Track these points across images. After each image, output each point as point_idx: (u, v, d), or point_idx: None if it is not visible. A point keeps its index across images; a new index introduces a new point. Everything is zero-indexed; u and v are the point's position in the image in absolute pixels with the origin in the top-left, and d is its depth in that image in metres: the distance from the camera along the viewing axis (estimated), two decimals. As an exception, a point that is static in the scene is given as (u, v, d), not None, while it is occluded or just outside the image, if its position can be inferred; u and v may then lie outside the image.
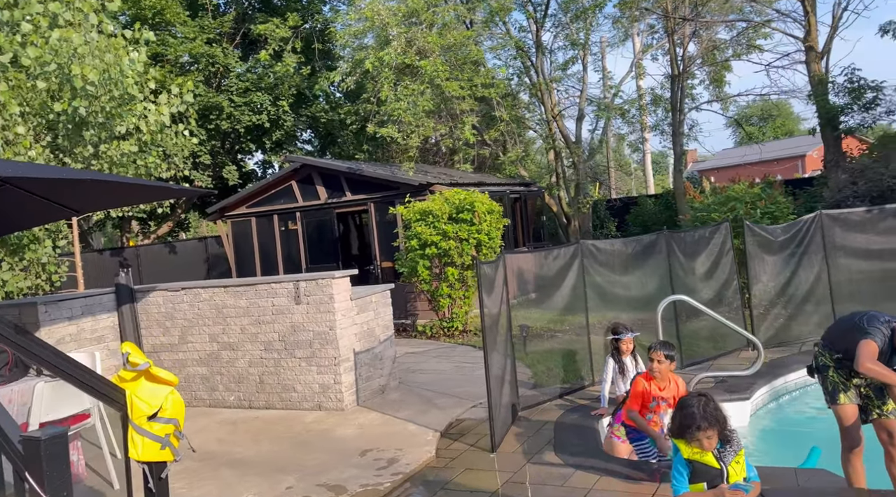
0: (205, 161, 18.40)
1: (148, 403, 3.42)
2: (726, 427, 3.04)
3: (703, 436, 3.01)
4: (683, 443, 3.08)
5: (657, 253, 7.60)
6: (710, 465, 3.01)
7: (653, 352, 4.88)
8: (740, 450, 3.07)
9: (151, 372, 3.47)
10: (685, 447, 3.06)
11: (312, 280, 7.47)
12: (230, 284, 8.00)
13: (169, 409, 3.48)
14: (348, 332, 7.54)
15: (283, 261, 15.55)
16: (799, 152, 53.92)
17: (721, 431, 3.02)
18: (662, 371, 4.79)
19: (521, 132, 24.15)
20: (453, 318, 11.44)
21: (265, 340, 7.77)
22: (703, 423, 3.02)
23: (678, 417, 3.15)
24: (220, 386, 8.12)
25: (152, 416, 3.44)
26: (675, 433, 3.14)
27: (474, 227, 10.98)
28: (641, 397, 4.83)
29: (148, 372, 3.48)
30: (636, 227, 25.56)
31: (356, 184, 14.46)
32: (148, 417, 3.43)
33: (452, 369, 8.94)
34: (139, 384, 3.46)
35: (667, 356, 4.80)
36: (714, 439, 3.02)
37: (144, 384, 3.47)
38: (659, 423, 4.89)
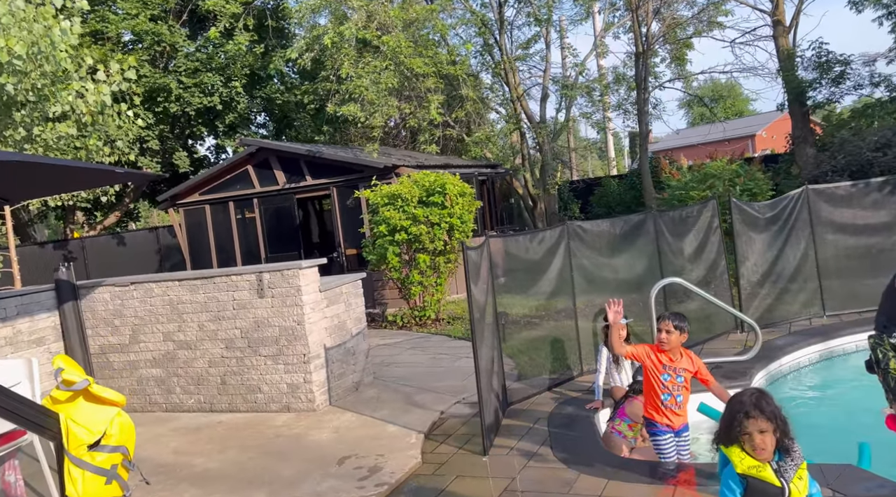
0: (153, 146, 17.35)
1: (88, 429, 2.80)
2: (787, 431, 2.58)
3: (755, 427, 2.54)
4: (736, 450, 2.62)
5: (645, 233, 7.21)
6: (769, 481, 2.56)
7: (661, 322, 4.43)
8: (802, 463, 2.62)
9: (91, 391, 2.84)
10: (738, 456, 2.60)
11: (277, 271, 6.83)
12: (185, 278, 7.29)
13: (115, 435, 2.86)
14: (318, 326, 6.94)
15: (240, 251, 14.75)
16: (749, 132, 54.85)
17: (780, 434, 2.57)
18: (672, 342, 4.35)
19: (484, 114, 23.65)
20: (425, 307, 10.92)
21: (226, 338, 7.11)
22: (752, 410, 2.55)
23: (725, 413, 2.69)
24: (177, 388, 7.43)
25: (94, 444, 2.81)
26: (722, 436, 2.68)
27: (446, 211, 10.44)
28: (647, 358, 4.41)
29: (87, 391, 2.84)
30: (600, 208, 25.38)
31: (317, 168, 13.73)
32: (89, 446, 2.80)
33: (429, 361, 8.43)
34: (76, 406, 2.83)
35: (677, 327, 4.36)
36: (769, 439, 2.55)
37: (83, 406, 2.84)
38: (678, 412, 4.43)
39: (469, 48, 15.69)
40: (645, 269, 7.25)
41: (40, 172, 5.29)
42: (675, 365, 4.38)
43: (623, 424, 5.37)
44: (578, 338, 6.98)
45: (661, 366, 4.37)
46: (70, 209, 20.07)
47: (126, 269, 19.96)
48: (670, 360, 4.38)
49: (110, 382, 7.72)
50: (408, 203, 10.42)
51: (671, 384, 4.37)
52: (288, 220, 14.25)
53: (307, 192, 14.08)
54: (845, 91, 13.56)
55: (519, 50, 20.86)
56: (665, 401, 4.39)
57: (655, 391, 4.40)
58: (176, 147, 18.61)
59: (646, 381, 4.50)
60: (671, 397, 4.39)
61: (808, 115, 14.42)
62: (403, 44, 12.73)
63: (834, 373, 6.90)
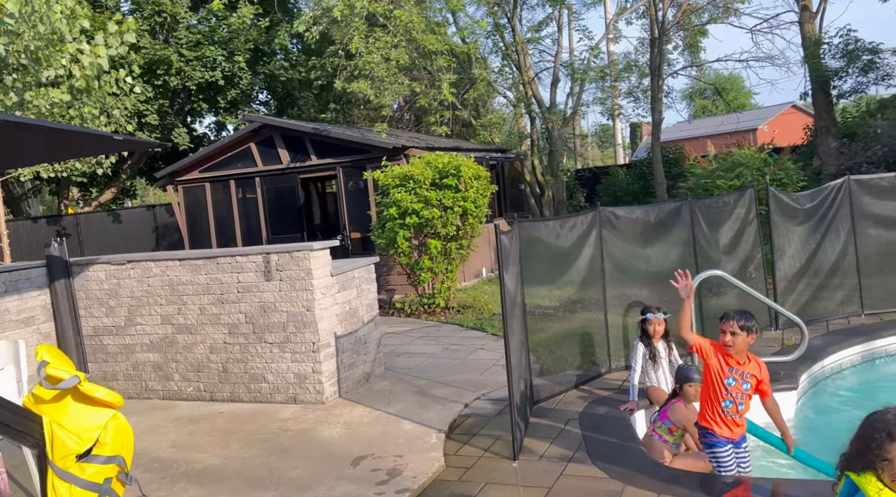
0: (151, 121, 16.75)
1: (77, 436, 2.31)
2: None
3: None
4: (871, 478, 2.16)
5: (680, 222, 6.73)
6: None
7: (725, 322, 3.94)
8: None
9: (82, 390, 2.35)
10: (874, 486, 2.15)
11: (286, 252, 6.34)
12: (186, 257, 6.79)
13: (109, 444, 2.38)
14: (329, 312, 6.46)
15: (241, 231, 14.24)
16: (751, 126, 54.48)
17: None
18: (738, 345, 3.87)
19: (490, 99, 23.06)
20: (434, 294, 10.45)
21: (229, 323, 6.63)
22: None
23: (859, 433, 2.24)
24: (175, 375, 6.95)
25: (84, 453, 2.33)
26: (851, 461, 2.23)
27: (459, 195, 9.94)
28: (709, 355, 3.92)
29: (77, 390, 2.35)
30: (606, 197, 24.87)
31: (323, 147, 13.20)
32: (77, 456, 2.31)
33: (442, 352, 7.96)
34: (63, 408, 2.34)
35: (743, 327, 3.88)
36: None
37: (72, 407, 2.36)
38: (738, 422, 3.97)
39: (483, 26, 15.08)
40: (679, 259, 6.78)
41: (31, 136, 4.78)
42: (742, 369, 3.91)
43: (664, 428, 4.92)
44: (607, 332, 6.52)
45: (728, 369, 3.90)
46: (65, 183, 19.49)
47: (121, 247, 19.42)
48: (738, 363, 3.91)
49: (104, 367, 7.25)
50: (420, 185, 9.92)
51: (736, 391, 3.91)
52: (291, 201, 13.74)
53: (312, 172, 13.56)
54: (873, 81, 13.06)
55: (531, 32, 20.28)
56: (726, 408, 3.93)
57: (717, 397, 3.93)
58: (175, 123, 18.01)
59: (705, 385, 4.03)
60: (733, 405, 3.93)
61: (832, 105, 13.92)
62: (416, 19, 12.15)
63: (878, 375, 6.47)
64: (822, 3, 13.65)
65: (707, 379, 3.98)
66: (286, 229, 13.79)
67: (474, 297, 11.61)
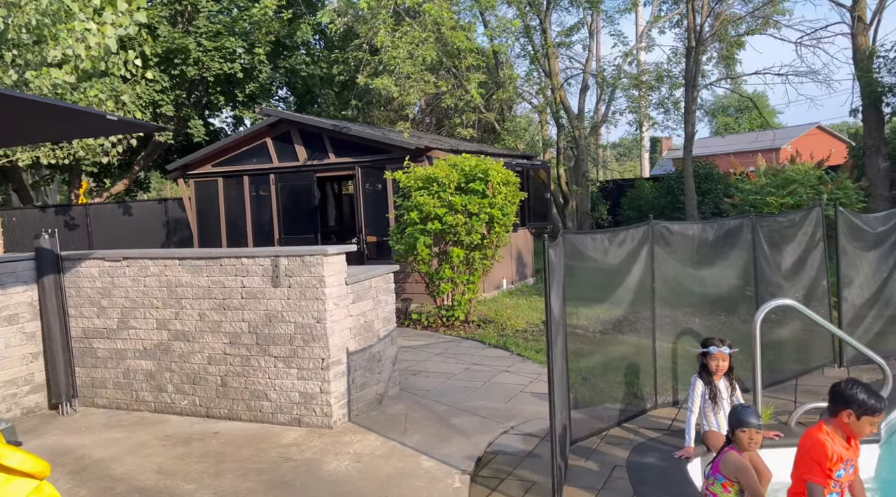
0: (167, 112, 16.21)
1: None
2: None
3: None
4: None
5: (741, 242, 5.98)
6: None
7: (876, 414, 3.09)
8: None
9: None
10: None
11: (297, 256, 5.66)
12: (187, 256, 6.13)
13: (28, 528, 1.65)
14: (341, 325, 5.77)
15: (252, 230, 13.61)
16: (774, 145, 53.58)
17: None
18: (867, 432, 3.07)
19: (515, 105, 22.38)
20: (454, 307, 9.73)
21: (231, 331, 5.96)
22: None
23: None
24: (169, 386, 6.28)
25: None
26: None
27: (486, 200, 9.23)
28: (829, 461, 3.11)
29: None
30: (631, 211, 24.08)
31: (341, 145, 12.55)
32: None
33: (463, 373, 7.24)
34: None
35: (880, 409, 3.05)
36: None
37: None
38: None
39: (516, 25, 14.39)
40: (736, 284, 6.04)
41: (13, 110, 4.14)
42: (853, 454, 3.14)
43: (717, 485, 4.15)
44: (655, 362, 5.77)
45: (843, 461, 3.12)
46: (76, 173, 19.02)
47: (130, 240, 18.90)
48: (846, 447, 3.13)
49: (92, 373, 6.60)
50: (444, 189, 9.22)
51: (846, 480, 3.15)
52: (306, 200, 13.09)
53: (329, 171, 12.91)
54: (930, 99, 12.23)
55: (560, 37, 19.60)
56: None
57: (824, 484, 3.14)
58: (192, 114, 17.47)
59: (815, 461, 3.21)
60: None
61: (883, 123, 13.08)
62: (446, 13, 11.49)
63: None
64: (878, 14, 12.84)
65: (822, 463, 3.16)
66: (299, 230, 13.15)
67: (495, 310, 10.88)
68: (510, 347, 8.25)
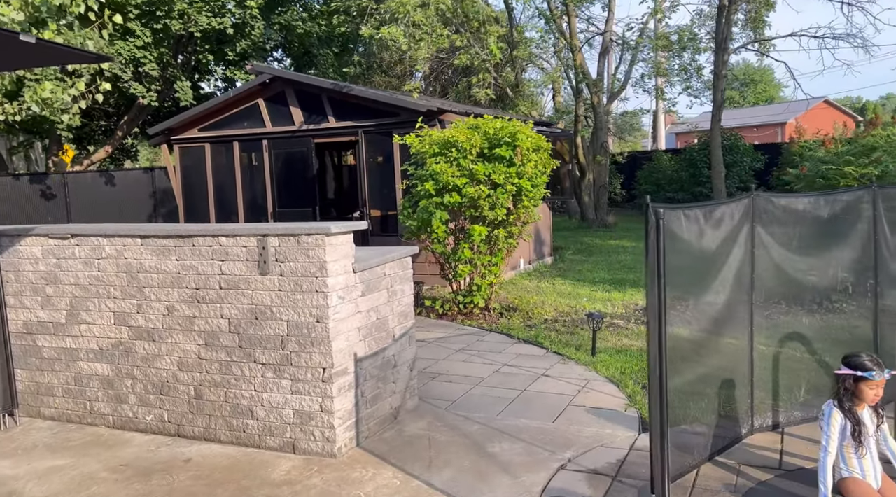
0: (150, 71, 14.72)
1: None
2: None
3: None
4: None
5: (860, 220, 4.69)
6: None
7: None
8: None
9: None
10: None
11: (290, 236, 4.36)
12: (151, 234, 4.82)
13: None
14: (347, 325, 4.49)
15: (244, 202, 12.28)
16: (779, 120, 52.38)
17: None
18: None
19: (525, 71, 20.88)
20: (473, 292, 8.46)
21: (207, 330, 4.68)
22: None
23: None
24: (131, 396, 5.02)
25: None
26: None
27: (514, 169, 7.90)
28: None
29: None
30: (647, 185, 22.71)
31: (343, 107, 11.17)
32: None
33: (493, 377, 5.99)
34: None
35: None
36: None
37: None
38: None
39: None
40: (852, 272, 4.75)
41: None
42: None
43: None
44: (751, 374, 4.49)
45: None
46: (55, 139, 17.57)
47: (113, 213, 17.51)
48: None
49: (37, 377, 5.32)
50: (464, 155, 7.88)
51: None
52: (303, 169, 11.74)
53: (328, 137, 11.54)
54: None
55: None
56: None
57: None
58: (179, 75, 15.98)
59: None
60: None
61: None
62: (463, -43, 10.02)
63: None
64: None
65: None
66: (296, 202, 11.82)
67: (517, 296, 9.62)
68: (544, 343, 6.99)
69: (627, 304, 9.06)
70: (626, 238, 16.14)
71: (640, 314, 8.34)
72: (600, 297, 9.56)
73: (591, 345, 6.50)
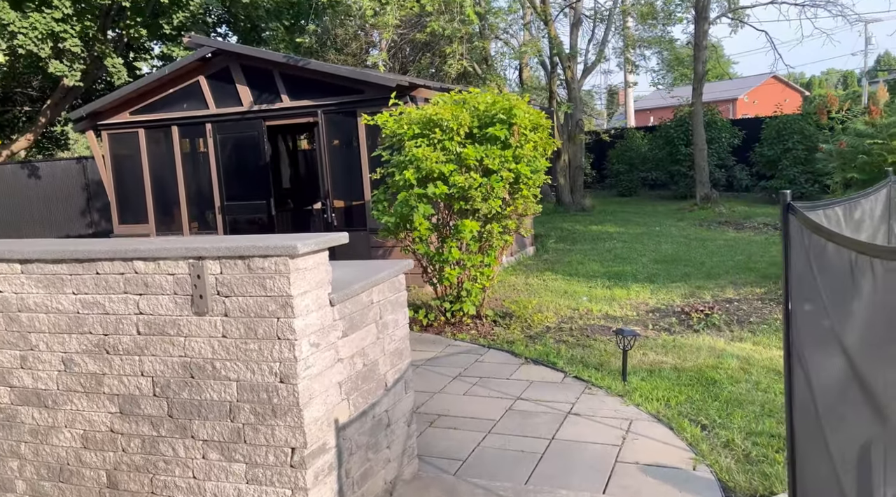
0: (72, 47, 12.86)
1: None
2: None
3: None
4: None
5: None
6: None
7: None
8: None
9: None
10: None
11: (238, 258, 2.99)
12: (35, 257, 3.38)
13: None
14: (324, 381, 3.16)
15: (186, 196, 10.71)
16: (731, 96, 52.88)
17: None
18: None
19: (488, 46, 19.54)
20: (461, 297, 7.17)
21: (121, 393, 3.29)
22: None
23: None
24: (18, 483, 3.60)
25: None
26: None
27: (509, 152, 6.62)
28: None
29: None
30: (620, 165, 21.72)
31: (298, 84, 9.69)
32: None
33: (507, 417, 4.73)
34: None
35: None
36: None
37: None
38: None
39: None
40: None
41: None
42: None
43: None
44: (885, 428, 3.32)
45: None
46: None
47: (40, 211, 15.63)
48: None
49: None
50: (450, 136, 6.55)
51: None
52: (254, 156, 10.23)
53: (282, 119, 10.03)
54: None
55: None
56: None
57: None
58: (108, 52, 14.13)
59: None
60: None
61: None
62: None
63: None
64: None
65: None
66: (247, 194, 10.33)
67: (507, 296, 8.40)
68: (557, 363, 5.77)
69: (636, 304, 7.92)
70: (608, 223, 15.08)
71: (655, 317, 7.21)
72: (601, 295, 8.41)
73: (622, 368, 5.30)
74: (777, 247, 11.07)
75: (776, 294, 7.75)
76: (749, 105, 51.76)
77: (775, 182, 16.44)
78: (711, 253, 10.82)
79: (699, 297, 8.00)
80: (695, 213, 15.60)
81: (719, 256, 10.48)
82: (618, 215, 16.27)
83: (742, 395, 4.84)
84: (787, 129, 16.25)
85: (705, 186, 16.45)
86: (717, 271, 9.37)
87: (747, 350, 5.86)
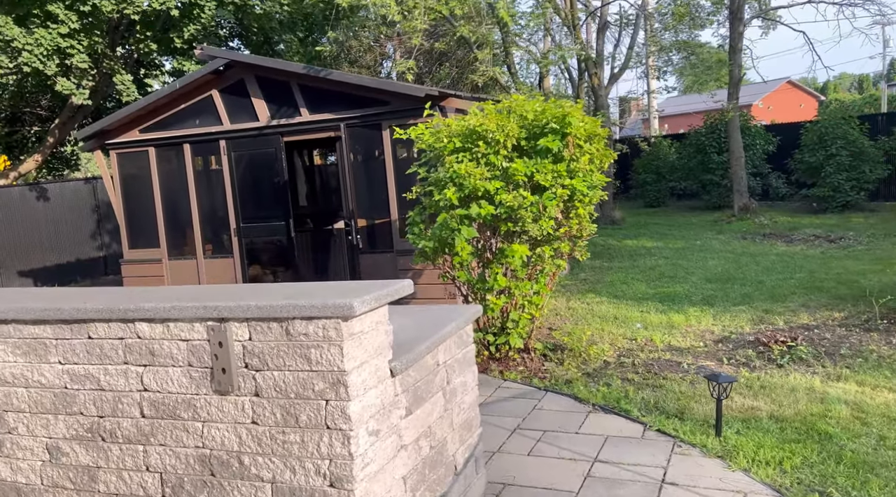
0: (79, 63, 12.28)
1: None
2: None
3: None
4: None
5: None
6: None
7: None
8: None
9: None
10: None
11: (272, 321, 2.23)
12: (12, 317, 2.64)
13: None
14: (386, 480, 2.38)
15: (200, 218, 10.03)
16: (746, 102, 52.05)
17: None
18: None
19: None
20: (507, 329, 6.38)
21: (124, 492, 2.54)
22: None
23: None
24: None
25: None
26: None
27: (562, 167, 5.85)
28: None
29: None
30: (647, 175, 20.90)
31: (318, 97, 9.01)
32: None
33: (589, 489, 3.92)
34: None
35: None
36: None
37: None
38: None
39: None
40: None
41: None
42: None
43: None
44: None
45: None
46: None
47: (46, 234, 15.02)
48: None
49: None
50: (496, 149, 5.80)
51: None
52: (271, 174, 9.54)
53: (301, 133, 9.33)
54: None
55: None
56: None
57: None
58: (117, 69, 13.56)
59: None
60: None
61: None
62: None
63: None
64: None
65: None
66: (264, 215, 9.64)
67: (553, 324, 7.61)
68: (632, 412, 4.96)
69: (699, 331, 7.11)
70: (643, 237, 14.25)
71: (727, 349, 6.38)
72: (657, 321, 7.59)
73: (716, 421, 4.48)
74: (842, 262, 10.20)
75: (860, 319, 6.91)
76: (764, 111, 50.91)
77: (818, 190, 15.56)
78: (767, 270, 9.97)
79: (770, 324, 7.16)
80: (733, 225, 14.75)
81: (777, 274, 9.63)
82: (651, 228, 15.45)
83: (868, 455, 4.02)
84: (830, 134, 15.39)
85: (743, 196, 15.60)
86: (780, 292, 8.52)
87: (853, 392, 5.03)
